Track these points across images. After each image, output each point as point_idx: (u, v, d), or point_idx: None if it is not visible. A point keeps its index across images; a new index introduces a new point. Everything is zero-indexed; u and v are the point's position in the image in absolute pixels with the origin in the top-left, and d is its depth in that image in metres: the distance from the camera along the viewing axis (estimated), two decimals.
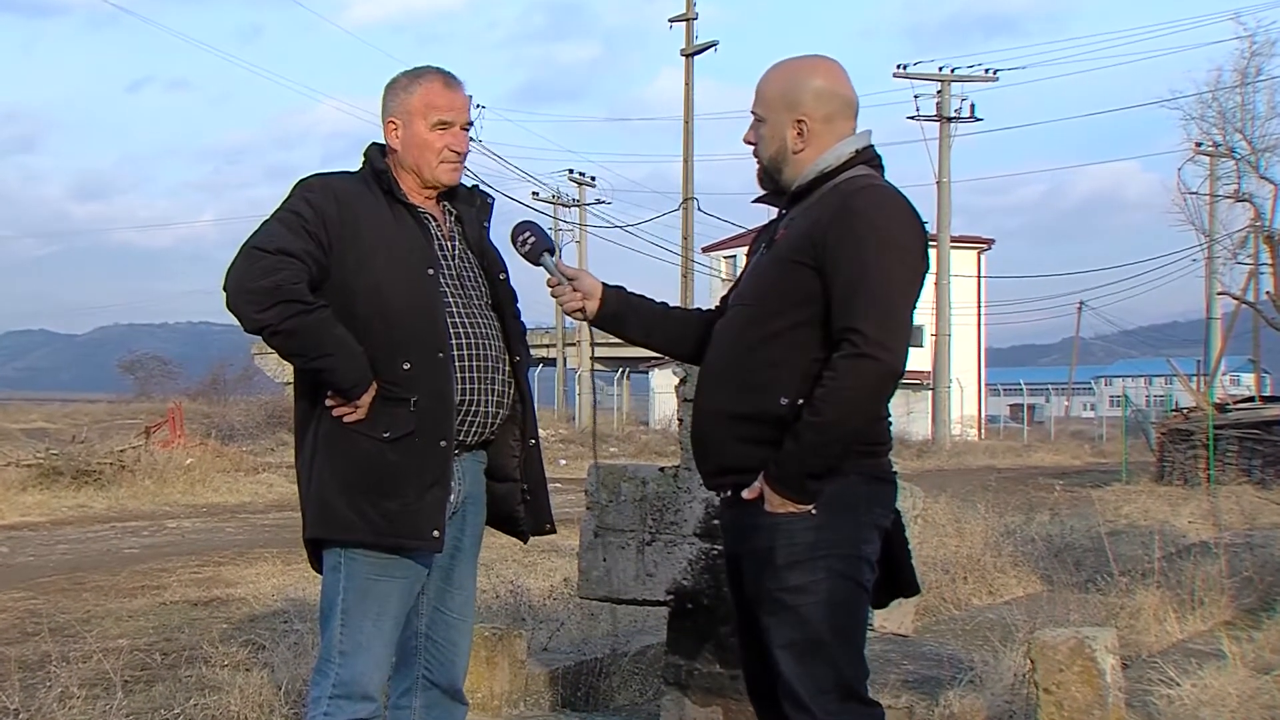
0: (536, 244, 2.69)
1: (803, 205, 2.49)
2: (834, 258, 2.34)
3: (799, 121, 2.47)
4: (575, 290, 2.65)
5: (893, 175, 2.53)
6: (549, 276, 2.69)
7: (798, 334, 2.38)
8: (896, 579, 2.52)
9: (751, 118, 2.54)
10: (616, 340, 2.87)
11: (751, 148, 2.56)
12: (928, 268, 2.44)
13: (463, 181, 2.87)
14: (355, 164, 2.84)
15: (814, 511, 2.35)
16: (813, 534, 2.35)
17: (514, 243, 2.73)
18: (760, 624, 2.42)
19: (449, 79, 2.77)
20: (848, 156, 2.47)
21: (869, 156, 2.51)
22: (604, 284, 2.67)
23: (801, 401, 2.35)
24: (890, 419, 2.49)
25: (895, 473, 2.51)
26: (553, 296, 2.69)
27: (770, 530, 2.37)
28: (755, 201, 2.63)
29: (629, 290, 2.70)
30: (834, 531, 2.36)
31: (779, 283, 2.43)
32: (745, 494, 2.41)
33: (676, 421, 3.85)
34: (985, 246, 40.77)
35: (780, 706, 2.40)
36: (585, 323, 2.74)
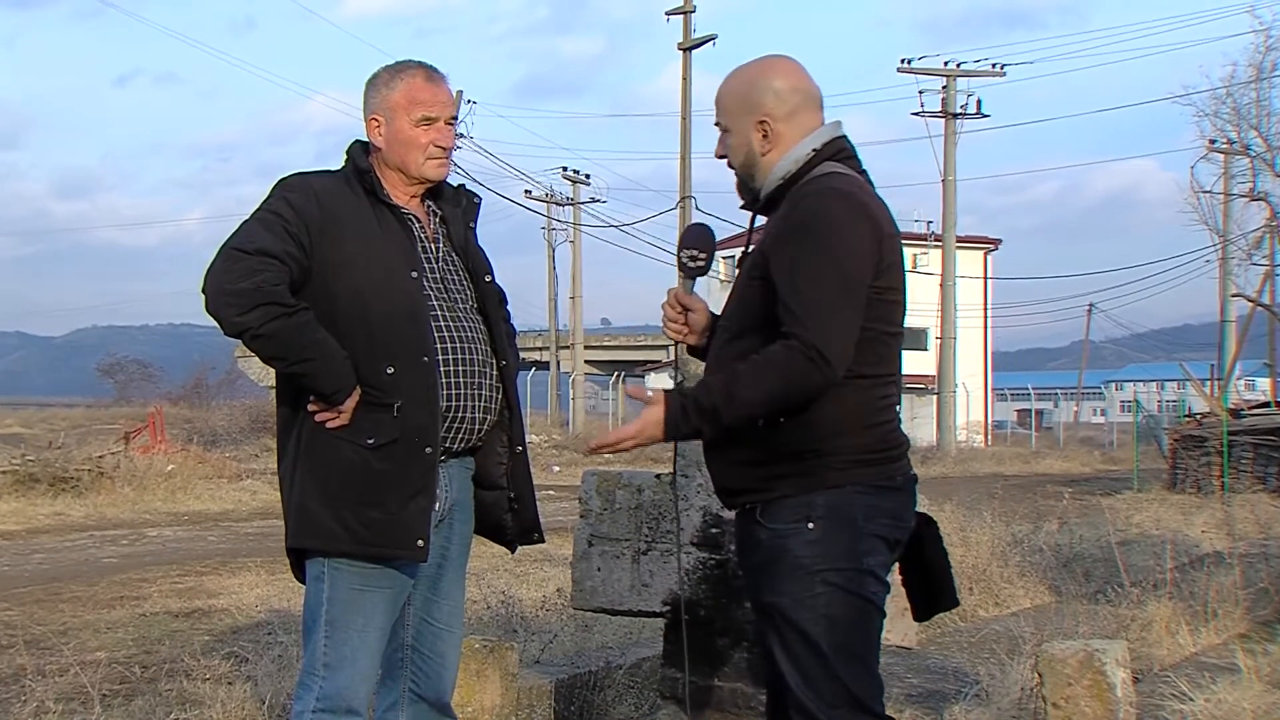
0: (698, 269, 2.54)
1: (772, 217, 2.43)
2: (774, 266, 2.30)
3: (761, 123, 2.42)
4: (686, 324, 2.53)
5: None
6: (677, 289, 2.56)
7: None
8: (932, 591, 2.47)
9: (718, 131, 2.49)
10: (611, 344, 2.79)
11: (724, 160, 2.50)
12: (875, 266, 2.29)
13: (448, 181, 2.82)
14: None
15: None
16: (808, 548, 2.30)
17: (683, 247, 2.56)
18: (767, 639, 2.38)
19: (431, 73, 2.73)
20: (806, 158, 2.39)
21: (836, 149, 2.41)
22: (713, 318, 2.55)
23: (782, 420, 2.29)
24: (899, 424, 2.43)
25: (912, 478, 2.43)
26: (665, 308, 2.56)
27: (768, 545, 2.33)
28: (742, 208, 2.56)
29: None
30: (831, 545, 2.30)
31: (744, 300, 2.40)
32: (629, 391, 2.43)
33: None
34: (992, 247, 40.59)
35: None
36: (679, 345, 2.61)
